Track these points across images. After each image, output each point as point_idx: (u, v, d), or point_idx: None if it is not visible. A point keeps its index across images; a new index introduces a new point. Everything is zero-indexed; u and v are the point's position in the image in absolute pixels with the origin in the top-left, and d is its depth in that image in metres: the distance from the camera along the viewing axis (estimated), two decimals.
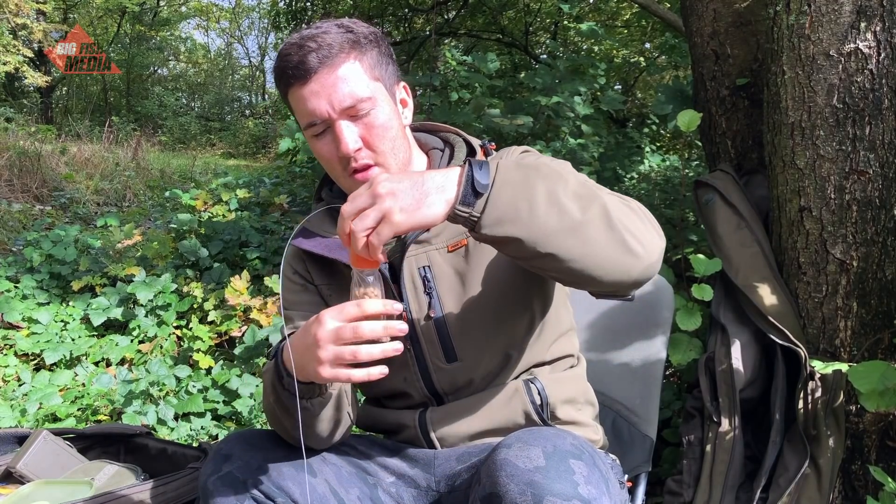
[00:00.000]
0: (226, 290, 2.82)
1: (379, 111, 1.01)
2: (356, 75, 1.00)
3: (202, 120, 17.77)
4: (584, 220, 0.82)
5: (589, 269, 0.84)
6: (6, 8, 10.67)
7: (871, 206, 1.54)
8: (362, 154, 1.02)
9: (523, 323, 1.08)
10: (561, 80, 3.54)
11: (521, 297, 1.07)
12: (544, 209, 0.80)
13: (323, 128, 1.01)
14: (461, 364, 1.07)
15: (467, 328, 1.06)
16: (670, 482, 1.68)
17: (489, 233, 0.81)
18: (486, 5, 7.97)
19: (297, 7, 9.23)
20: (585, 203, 0.83)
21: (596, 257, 0.83)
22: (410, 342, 1.08)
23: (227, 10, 24.06)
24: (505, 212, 0.80)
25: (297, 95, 1.00)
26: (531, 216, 0.80)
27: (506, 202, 0.80)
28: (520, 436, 0.85)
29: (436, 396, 1.10)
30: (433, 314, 1.06)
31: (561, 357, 1.14)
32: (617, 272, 0.85)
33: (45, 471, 1.58)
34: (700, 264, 1.72)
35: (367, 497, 1.06)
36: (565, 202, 0.82)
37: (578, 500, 0.76)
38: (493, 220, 0.80)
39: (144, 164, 7.70)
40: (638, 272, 0.87)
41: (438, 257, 1.07)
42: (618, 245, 0.84)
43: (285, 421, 1.00)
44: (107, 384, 2.50)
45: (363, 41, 1.02)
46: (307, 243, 1.11)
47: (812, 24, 1.56)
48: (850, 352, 1.58)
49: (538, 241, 0.81)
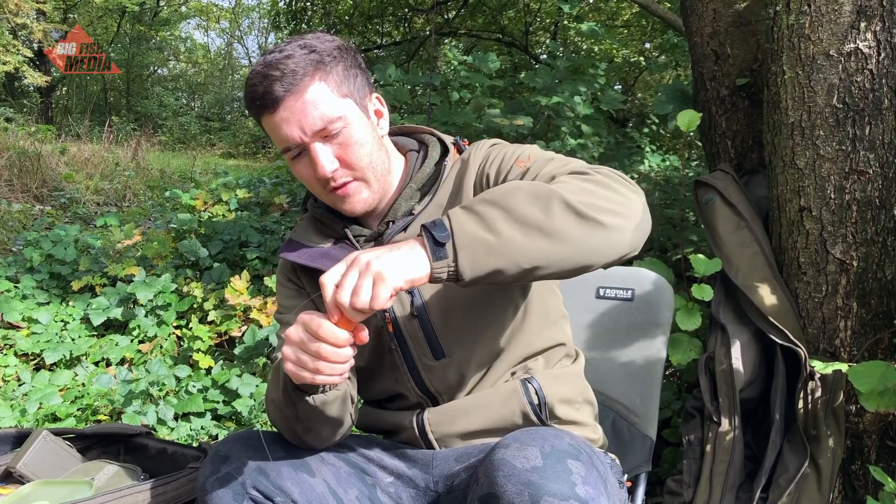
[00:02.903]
0: (226, 290, 2.81)
1: (352, 129, 1.02)
2: (324, 96, 1.00)
3: (202, 120, 17.78)
4: (550, 220, 0.83)
5: (579, 260, 0.85)
6: (6, 8, 10.67)
7: (871, 206, 1.54)
8: (340, 173, 1.03)
9: (507, 312, 1.09)
10: (561, 80, 3.54)
11: (501, 287, 1.08)
12: (507, 229, 0.82)
13: (298, 151, 1.03)
14: (450, 360, 1.08)
15: (451, 323, 1.07)
16: (670, 482, 1.68)
17: (472, 275, 0.82)
18: (486, 5, 7.97)
19: (297, 7, 9.23)
20: (544, 203, 0.83)
21: (579, 248, 0.84)
22: (397, 342, 1.09)
23: (227, 10, 24.07)
24: (474, 249, 0.81)
25: (269, 123, 1.02)
26: (499, 241, 0.81)
27: (471, 240, 0.81)
28: (517, 436, 0.85)
29: (429, 397, 1.10)
30: (416, 312, 1.07)
31: (552, 346, 1.14)
32: (606, 250, 0.87)
33: (45, 471, 1.57)
34: (700, 264, 1.72)
35: (365, 497, 1.06)
36: (524, 212, 0.83)
37: (576, 501, 0.76)
38: (468, 261, 0.81)
39: (144, 164, 7.70)
40: (628, 239, 0.88)
41: None
42: (593, 228, 0.84)
43: (289, 411, 1.00)
44: (107, 384, 2.50)
45: (327, 59, 1.02)
46: (293, 255, 1.13)
47: (812, 24, 1.56)
48: (850, 352, 1.58)
49: (518, 260, 0.82)
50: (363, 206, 1.08)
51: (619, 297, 1.44)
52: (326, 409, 0.99)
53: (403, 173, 1.15)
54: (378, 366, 1.12)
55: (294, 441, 1.06)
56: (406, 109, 3.83)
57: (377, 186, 1.08)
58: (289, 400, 0.98)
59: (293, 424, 1.02)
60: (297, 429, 1.03)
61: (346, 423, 1.07)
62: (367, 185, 1.06)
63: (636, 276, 1.46)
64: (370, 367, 1.14)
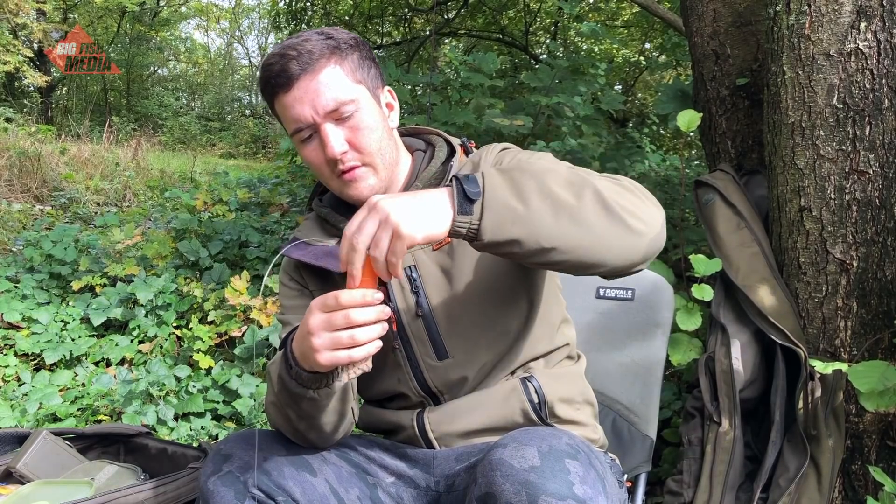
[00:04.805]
0: (226, 290, 2.81)
1: (363, 113, 1.04)
2: (338, 79, 1.02)
3: (202, 120, 17.77)
4: (580, 206, 0.83)
5: (595, 254, 0.85)
6: (6, 8, 10.67)
7: (871, 206, 1.54)
8: (349, 156, 1.04)
9: (513, 316, 1.09)
10: (561, 79, 3.53)
11: (508, 291, 1.08)
12: (538, 203, 0.81)
13: (309, 133, 1.04)
14: (453, 361, 1.08)
15: (456, 324, 1.07)
16: (670, 482, 1.68)
17: (491, 238, 0.81)
18: (486, 5, 7.97)
19: (297, 7, 9.23)
20: (577, 190, 0.84)
21: (599, 241, 0.84)
22: (401, 342, 1.09)
23: (227, 10, 24.06)
24: (501, 214, 0.81)
25: (282, 103, 1.03)
26: (528, 212, 0.81)
27: (500, 204, 0.81)
28: (515, 435, 0.85)
29: (431, 396, 1.10)
30: (421, 312, 1.07)
31: (554, 349, 1.14)
32: (623, 252, 0.87)
33: (45, 471, 1.58)
34: (700, 264, 1.72)
35: (366, 497, 1.06)
36: (558, 192, 0.83)
37: (573, 500, 0.76)
38: (492, 224, 0.81)
39: (144, 164, 7.69)
40: (644, 248, 0.88)
41: (424, 256, 1.08)
42: (618, 225, 0.85)
43: (290, 411, 1.00)
44: (107, 384, 2.50)
45: (343, 46, 1.04)
46: (297, 253, 1.13)
47: (812, 24, 1.56)
48: (850, 352, 1.58)
49: (540, 237, 0.82)
50: (369, 193, 1.06)
51: (619, 297, 1.45)
52: (328, 401, 0.98)
53: (409, 171, 1.15)
54: (381, 365, 1.12)
55: (299, 441, 1.06)
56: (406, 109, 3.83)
57: (384, 174, 1.08)
58: (288, 398, 0.98)
59: (296, 424, 1.02)
60: (299, 427, 1.02)
61: (347, 416, 1.07)
62: (375, 172, 1.06)
63: (636, 276, 1.46)
64: (374, 367, 1.14)
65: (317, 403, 0.97)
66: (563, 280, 1.22)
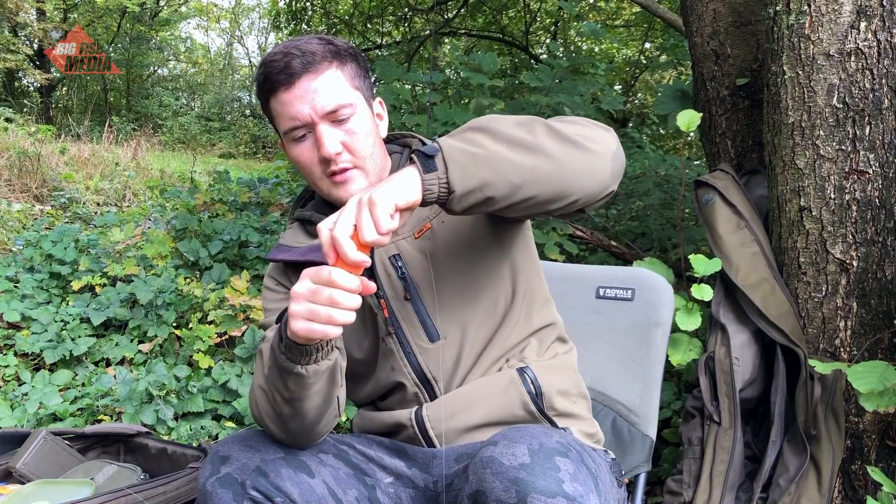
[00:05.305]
0: (226, 290, 2.81)
1: (359, 118, 1.07)
2: (338, 82, 1.06)
3: (202, 120, 17.76)
4: (535, 139, 0.89)
5: (564, 182, 0.90)
6: (6, 7, 10.67)
7: (871, 206, 1.54)
8: (342, 157, 1.06)
9: (498, 292, 1.12)
10: (561, 79, 3.53)
11: (491, 267, 1.12)
12: (494, 145, 0.87)
13: (303, 132, 1.06)
14: (445, 342, 1.09)
15: (444, 305, 1.09)
16: (670, 482, 1.68)
17: (462, 188, 0.86)
18: (486, 5, 7.97)
19: (297, 7, 9.23)
20: (528, 128, 0.90)
21: (563, 167, 0.90)
22: (393, 328, 1.10)
23: (227, 11, 24.06)
24: (462, 161, 0.86)
25: (280, 100, 1.05)
26: (487, 153, 0.87)
27: (459, 152, 0.86)
28: (506, 433, 0.86)
29: (426, 385, 1.11)
30: (409, 296, 1.10)
31: (543, 326, 1.17)
32: (589, 174, 0.93)
33: (45, 471, 1.58)
34: (700, 264, 1.72)
35: (365, 498, 1.06)
36: (510, 132, 0.89)
37: (563, 497, 0.77)
38: (458, 173, 0.85)
39: (144, 164, 7.69)
40: (609, 166, 0.95)
41: (406, 245, 1.11)
42: (576, 149, 0.91)
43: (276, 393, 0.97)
44: (107, 384, 2.50)
45: (343, 53, 1.08)
46: (283, 255, 1.16)
47: (812, 24, 1.56)
48: (849, 352, 1.58)
49: (506, 172, 0.87)
50: None
51: (619, 296, 1.45)
52: (315, 380, 0.95)
53: (389, 174, 1.16)
54: (375, 356, 1.13)
55: (280, 434, 1.03)
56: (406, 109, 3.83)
57: (373, 179, 1.10)
58: (276, 375, 0.95)
59: (280, 407, 0.99)
60: (283, 411, 0.99)
61: (332, 405, 1.04)
62: (365, 176, 1.09)
63: (636, 276, 1.46)
64: (368, 359, 1.14)
65: (304, 381, 0.94)
66: (563, 280, 1.23)
